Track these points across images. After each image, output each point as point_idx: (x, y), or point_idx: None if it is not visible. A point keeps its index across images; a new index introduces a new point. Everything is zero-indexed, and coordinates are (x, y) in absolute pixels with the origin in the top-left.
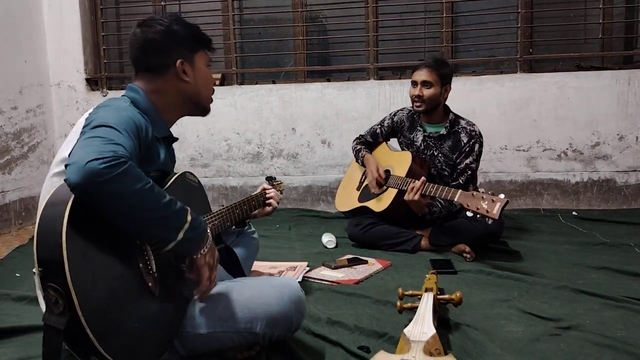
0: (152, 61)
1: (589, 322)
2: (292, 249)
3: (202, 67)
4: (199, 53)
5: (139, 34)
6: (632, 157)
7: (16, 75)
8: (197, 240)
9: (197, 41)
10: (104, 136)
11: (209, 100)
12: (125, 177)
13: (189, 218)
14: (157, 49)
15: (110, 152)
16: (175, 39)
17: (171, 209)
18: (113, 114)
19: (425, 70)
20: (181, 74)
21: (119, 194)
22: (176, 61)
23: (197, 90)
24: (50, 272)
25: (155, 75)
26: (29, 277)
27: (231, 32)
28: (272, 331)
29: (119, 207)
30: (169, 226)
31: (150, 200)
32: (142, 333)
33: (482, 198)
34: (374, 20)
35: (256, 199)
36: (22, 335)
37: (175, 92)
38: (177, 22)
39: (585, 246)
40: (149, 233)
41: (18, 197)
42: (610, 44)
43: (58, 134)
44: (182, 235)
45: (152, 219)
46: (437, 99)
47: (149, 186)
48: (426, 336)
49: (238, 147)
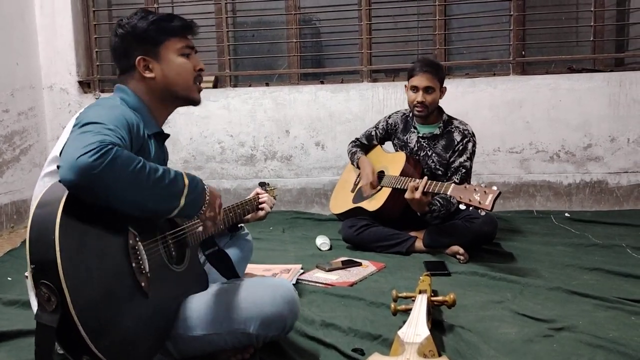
0: (121, 63)
1: (582, 323)
2: (286, 252)
3: (172, 56)
4: (165, 43)
5: (110, 40)
6: (623, 159)
7: (8, 77)
8: (198, 200)
9: (160, 32)
10: (91, 130)
11: (188, 90)
12: (116, 163)
13: (186, 181)
14: (121, 52)
15: (96, 143)
16: (136, 37)
17: (167, 180)
18: (103, 112)
19: (426, 75)
20: (143, 71)
21: (115, 181)
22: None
23: (168, 82)
24: (43, 269)
25: (127, 76)
26: (20, 281)
27: (224, 34)
28: (265, 332)
29: (118, 194)
30: (169, 196)
31: (146, 178)
32: (134, 333)
33: (475, 190)
34: (367, 23)
35: (249, 204)
36: (13, 340)
37: (148, 89)
38: (139, 18)
39: (577, 247)
40: (152, 209)
41: (10, 200)
42: (602, 47)
43: (50, 136)
44: (183, 200)
45: (152, 195)
46: (437, 102)
47: (141, 164)
48: (420, 338)
49: (231, 149)
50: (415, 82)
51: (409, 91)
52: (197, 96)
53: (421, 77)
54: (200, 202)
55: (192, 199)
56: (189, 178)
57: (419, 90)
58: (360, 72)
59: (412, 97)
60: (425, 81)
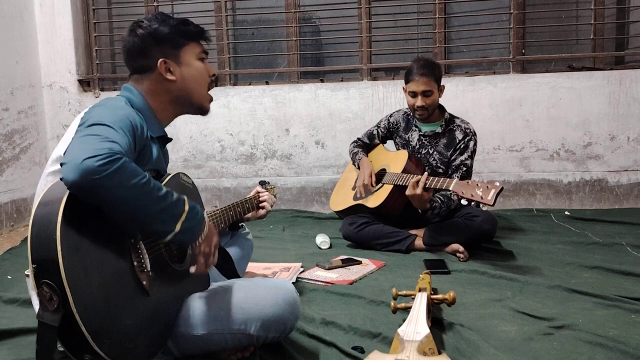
0: (138, 64)
1: (582, 321)
2: (286, 250)
3: (192, 61)
4: (185, 47)
5: (125, 39)
6: (623, 157)
7: (7, 76)
8: (195, 230)
9: (181, 36)
10: (99, 134)
11: (203, 98)
12: (121, 174)
13: (186, 208)
14: (140, 52)
15: (106, 149)
16: (157, 39)
17: (168, 201)
18: (108, 113)
19: (423, 79)
20: (165, 73)
21: (116, 190)
22: (158, 61)
23: (187, 87)
24: (44, 269)
25: (143, 76)
26: (20, 279)
27: (224, 32)
28: (266, 333)
29: (116, 203)
30: (166, 218)
31: (147, 194)
32: (136, 331)
33: (477, 186)
34: (367, 21)
35: (249, 202)
36: (14, 338)
37: (164, 92)
38: (160, 21)
39: (577, 246)
40: (147, 227)
41: (10, 199)
42: (602, 45)
43: (50, 135)
44: (179, 226)
45: (149, 213)
46: (437, 102)
47: (145, 180)
48: (420, 336)
49: (231, 148)
50: (413, 88)
51: (408, 96)
52: (208, 106)
53: (418, 82)
54: (197, 231)
55: (189, 226)
56: (190, 205)
57: (417, 95)
58: (360, 70)
59: (411, 102)
60: (422, 85)
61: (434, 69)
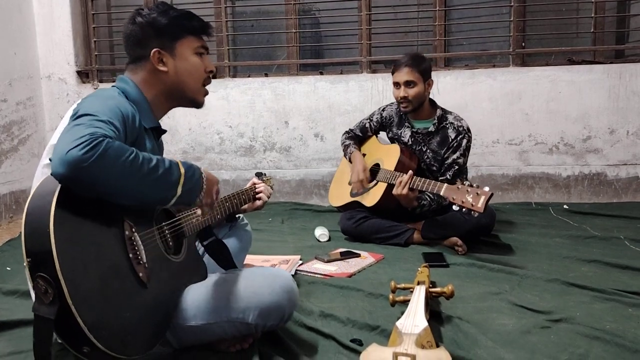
0: (134, 52)
1: (579, 314)
2: (285, 243)
3: (188, 54)
4: (182, 40)
5: (126, 26)
6: (622, 151)
7: (5, 67)
8: (197, 187)
9: (179, 28)
10: (83, 123)
11: (196, 92)
12: (107, 156)
13: (182, 170)
14: (137, 40)
15: (87, 135)
16: (154, 29)
17: (161, 170)
18: (97, 103)
19: (405, 69)
20: (157, 64)
21: (106, 173)
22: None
23: (180, 81)
24: (39, 262)
25: (137, 66)
26: (20, 270)
27: (223, 24)
28: (264, 321)
29: (110, 186)
30: (165, 185)
31: (138, 169)
32: (133, 323)
33: (467, 191)
34: (367, 14)
35: (246, 194)
36: (13, 329)
37: (158, 83)
38: (161, 11)
39: (576, 239)
40: (148, 199)
41: (8, 190)
42: (602, 38)
43: (49, 126)
44: (180, 189)
45: (146, 186)
46: (422, 96)
47: (133, 156)
48: (418, 329)
49: (230, 140)
50: (397, 78)
51: (394, 87)
52: (202, 99)
53: (400, 72)
54: (197, 189)
55: (190, 187)
56: (186, 166)
57: (400, 85)
58: (359, 63)
59: (395, 93)
60: (404, 75)
61: (419, 61)
